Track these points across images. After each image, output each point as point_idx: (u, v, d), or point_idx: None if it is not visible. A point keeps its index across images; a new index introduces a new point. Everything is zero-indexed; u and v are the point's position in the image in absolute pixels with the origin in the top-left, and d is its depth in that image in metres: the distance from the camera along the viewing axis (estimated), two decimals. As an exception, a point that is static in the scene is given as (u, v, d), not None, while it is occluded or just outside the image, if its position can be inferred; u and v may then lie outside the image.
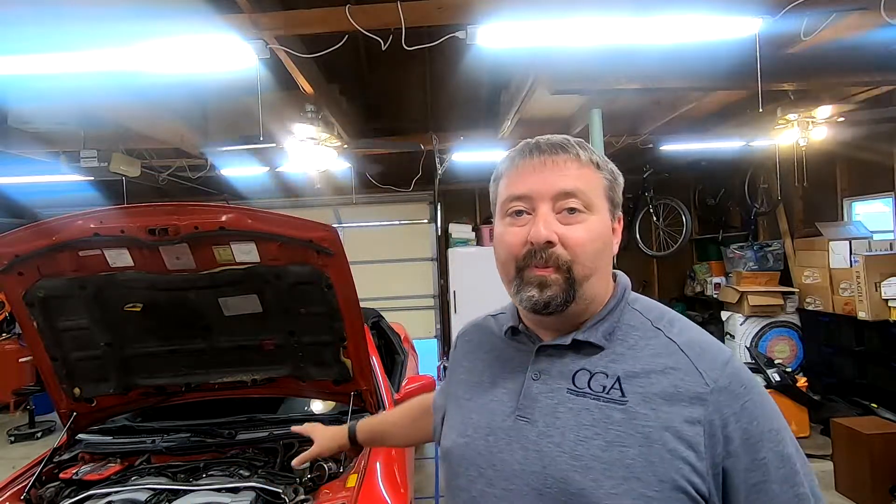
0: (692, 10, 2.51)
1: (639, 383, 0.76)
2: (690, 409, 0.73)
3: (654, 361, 0.78)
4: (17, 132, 4.22)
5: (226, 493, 1.93)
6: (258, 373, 2.38)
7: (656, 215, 6.62)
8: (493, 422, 0.84)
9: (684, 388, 0.74)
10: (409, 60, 3.46)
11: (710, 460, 0.71)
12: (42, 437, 5.44)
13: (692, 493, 0.71)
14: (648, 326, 0.82)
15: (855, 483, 3.53)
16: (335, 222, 7.42)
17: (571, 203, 0.80)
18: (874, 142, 4.97)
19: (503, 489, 0.79)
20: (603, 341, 0.81)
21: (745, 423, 0.73)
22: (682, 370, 0.76)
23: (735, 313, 5.87)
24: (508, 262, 0.83)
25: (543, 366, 0.84)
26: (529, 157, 0.83)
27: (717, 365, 0.76)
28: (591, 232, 0.80)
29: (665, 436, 0.72)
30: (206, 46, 2.55)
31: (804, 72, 3.45)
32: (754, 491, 0.72)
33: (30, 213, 7.01)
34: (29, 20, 2.46)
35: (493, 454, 0.82)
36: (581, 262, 0.80)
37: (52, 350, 2.16)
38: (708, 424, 0.72)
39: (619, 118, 4.61)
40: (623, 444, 0.73)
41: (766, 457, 0.72)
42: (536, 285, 0.79)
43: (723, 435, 0.72)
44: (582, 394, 0.78)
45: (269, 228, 1.95)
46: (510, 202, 0.83)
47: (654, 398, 0.74)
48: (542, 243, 0.79)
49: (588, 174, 0.83)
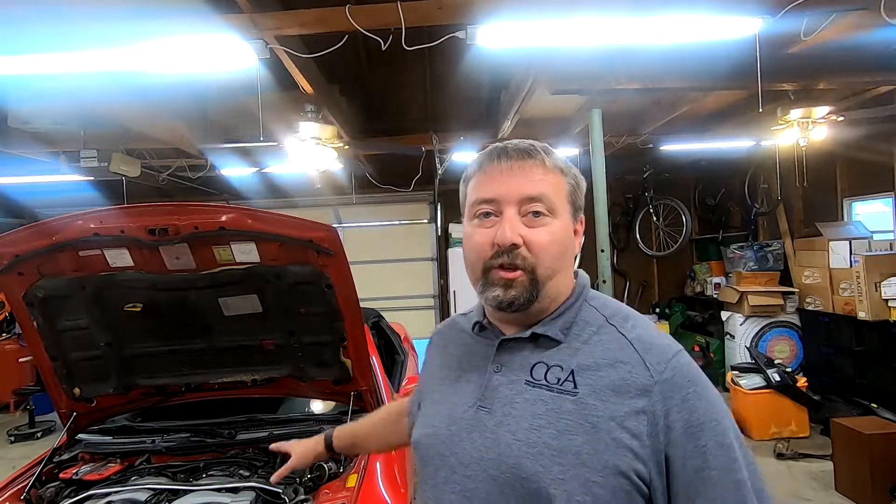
0: (692, 10, 2.51)
1: (590, 376, 0.81)
2: (636, 400, 0.77)
3: (606, 356, 0.82)
4: (17, 132, 4.23)
5: (226, 493, 1.93)
6: (258, 373, 2.38)
7: (656, 215, 6.62)
8: (455, 412, 0.89)
9: (632, 381, 0.79)
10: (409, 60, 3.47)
11: (653, 448, 0.75)
12: (42, 437, 5.44)
13: (633, 479, 0.75)
14: (603, 322, 0.87)
15: (855, 483, 3.53)
16: (335, 222, 7.42)
17: (536, 207, 0.85)
18: (874, 142, 4.97)
19: (463, 475, 0.84)
20: (560, 335, 0.86)
21: (686, 414, 0.76)
22: (630, 364, 0.80)
23: (735, 313, 5.87)
24: (476, 262, 0.87)
25: (505, 358, 0.89)
26: (497, 161, 0.87)
27: (663, 359, 0.80)
28: (553, 235, 0.85)
29: (611, 425, 0.76)
30: (206, 46, 2.55)
31: (804, 72, 3.46)
32: (694, 476, 0.75)
33: (30, 213, 7.01)
34: (29, 20, 2.46)
35: (454, 443, 0.86)
36: (543, 264, 0.84)
37: (52, 350, 2.16)
38: (651, 414, 0.76)
39: (619, 118, 4.61)
40: (572, 433, 0.77)
41: (706, 444, 0.76)
42: (501, 286, 0.84)
43: (665, 424, 0.76)
44: (538, 385, 0.83)
45: (269, 228, 1.95)
46: (478, 204, 0.88)
47: (603, 390, 0.79)
48: (507, 245, 0.83)
49: (552, 179, 0.87)
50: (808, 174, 4.98)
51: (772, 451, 4.34)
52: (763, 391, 4.68)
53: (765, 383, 4.68)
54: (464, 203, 0.93)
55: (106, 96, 3.50)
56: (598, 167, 3.71)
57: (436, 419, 0.92)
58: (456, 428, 0.87)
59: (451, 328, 1.06)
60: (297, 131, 3.77)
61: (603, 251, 3.72)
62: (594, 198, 3.71)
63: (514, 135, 4.68)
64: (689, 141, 5.25)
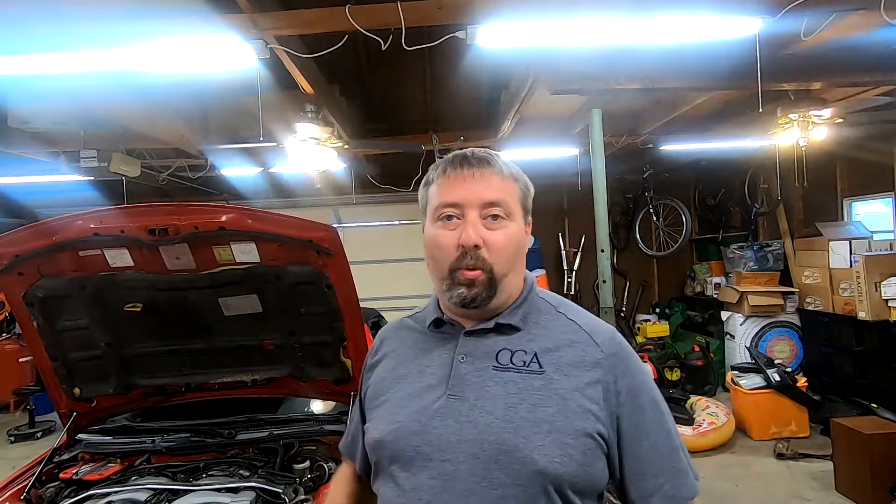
0: (692, 10, 2.51)
1: (552, 356, 0.94)
2: (592, 372, 0.92)
3: (562, 338, 0.96)
4: (17, 132, 4.22)
5: (226, 493, 1.93)
6: (258, 373, 2.37)
7: (656, 215, 6.62)
8: (424, 404, 0.94)
9: (586, 357, 0.93)
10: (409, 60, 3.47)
11: (608, 410, 0.91)
12: (42, 437, 5.44)
13: (596, 437, 0.89)
14: (553, 311, 1.01)
15: (855, 483, 3.53)
16: (335, 222, 7.42)
17: (495, 211, 0.95)
18: (874, 142, 4.97)
19: (440, 461, 0.89)
20: (520, 323, 0.97)
21: (628, 379, 0.93)
22: (583, 343, 0.95)
23: (735, 313, 5.87)
24: (443, 262, 0.95)
25: (469, 348, 0.97)
26: (460, 168, 0.96)
27: (608, 338, 0.96)
28: (509, 237, 0.96)
29: (575, 395, 0.90)
30: (206, 46, 2.55)
31: (804, 72, 3.46)
32: (636, 428, 0.92)
33: (30, 213, 7.01)
34: (29, 20, 2.46)
35: (427, 432, 0.91)
36: (500, 263, 0.94)
37: (52, 350, 2.16)
38: (605, 383, 0.92)
39: (619, 118, 4.61)
40: (545, 405, 0.89)
41: (643, 403, 0.94)
42: (465, 285, 0.93)
43: (615, 389, 0.92)
44: (506, 369, 0.93)
45: (269, 228, 1.95)
46: (443, 208, 0.95)
47: (565, 366, 0.92)
48: (471, 246, 0.92)
49: (508, 186, 0.97)
50: (808, 174, 4.98)
51: (772, 451, 4.34)
52: (763, 391, 4.68)
53: (765, 383, 4.68)
54: (424, 206, 1.01)
55: (106, 96, 3.49)
56: (598, 167, 3.71)
57: (400, 415, 0.95)
58: (426, 418, 0.92)
59: (400, 330, 1.10)
60: (297, 131, 3.77)
61: (603, 251, 3.72)
62: (594, 198, 3.72)
63: (514, 135, 4.69)
64: (689, 141, 5.25)
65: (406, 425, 0.93)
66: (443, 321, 1.01)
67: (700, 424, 4.53)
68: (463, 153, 0.99)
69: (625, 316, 7.39)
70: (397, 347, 1.07)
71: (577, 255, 7.35)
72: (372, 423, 1.01)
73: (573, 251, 7.38)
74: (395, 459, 0.93)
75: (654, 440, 0.93)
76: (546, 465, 0.85)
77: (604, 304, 3.69)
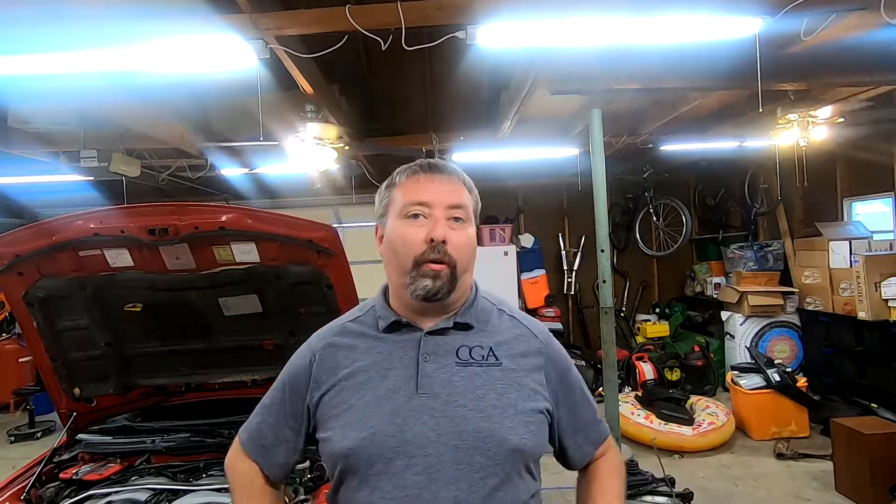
0: (692, 10, 2.51)
1: (505, 349, 1.06)
2: (536, 359, 1.08)
3: (509, 332, 1.09)
4: (17, 132, 4.22)
5: (226, 493, 1.93)
6: (258, 373, 2.38)
7: (656, 215, 6.62)
8: (395, 406, 0.99)
9: (531, 347, 1.09)
10: (409, 60, 3.46)
11: (550, 389, 1.08)
12: (42, 437, 5.44)
13: (545, 413, 1.06)
14: (495, 310, 1.13)
15: (855, 483, 3.53)
16: (335, 222, 7.42)
17: (458, 213, 1.04)
18: (874, 142, 4.97)
19: (422, 456, 0.96)
20: (474, 322, 1.07)
21: (560, 363, 1.12)
22: (526, 336, 1.10)
23: (735, 313, 5.87)
24: (408, 256, 1.01)
25: (431, 348, 1.04)
26: (429, 172, 1.06)
27: (542, 330, 1.14)
28: (468, 238, 1.05)
29: (528, 380, 1.05)
30: (206, 46, 2.55)
31: (804, 72, 3.45)
32: (567, 399, 1.11)
33: (30, 213, 7.01)
34: (29, 20, 2.46)
35: (404, 432, 0.97)
36: (462, 260, 1.03)
37: (52, 350, 2.16)
38: (545, 367, 1.08)
39: (619, 118, 4.61)
40: (507, 392, 1.02)
41: (570, 377, 1.13)
42: (431, 276, 1.00)
43: (553, 371, 1.09)
44: (467, 364, 1.03)
45: (268, 228, 1.95)
46: (412, 206, 1.03)
47: (516, 357, 1.06)
48: (440, 240, 1.00)
49: (467, 195, 1.08)
50: (808, 174, 4.98)
51: (772, 451, 4.35)
52: (763, 391, 4.68)
53: (765, 383, 4.68)
54: (386, 205, 1.09)
55: (106, 96, 3.49)
56: (598, 167, 3.71)
57: (372, 419, 0.98)
58: (401, 419, 0.98)
59: (344, 336, 1.09)
60: (297, 131, 3.77)
61: (603, 251, 3.72)
62: (594, 198, 3.71)
63: (514, 135, 4.68)
64: (689, 141, 5.25)
65: (381, 428, 0.97)
66: (401, 324, 1.06)
67: (700, 424, 4.53)
68: (429, 160, 1.10)
69: (625, 316, 7.39)
70: (349, 354, 1.06)
71: (577, 255, 7.34)
72: (334, 432, 1.00)
73: (573, 251, 7.38)
74: (373, 464, 0.96)
75: (582, 408, 1.14)
76: (518, 442, 0.98)
77: (604, 304, 3.69)
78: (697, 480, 3.93)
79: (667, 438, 4.44)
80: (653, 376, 5.50)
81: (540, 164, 5.92)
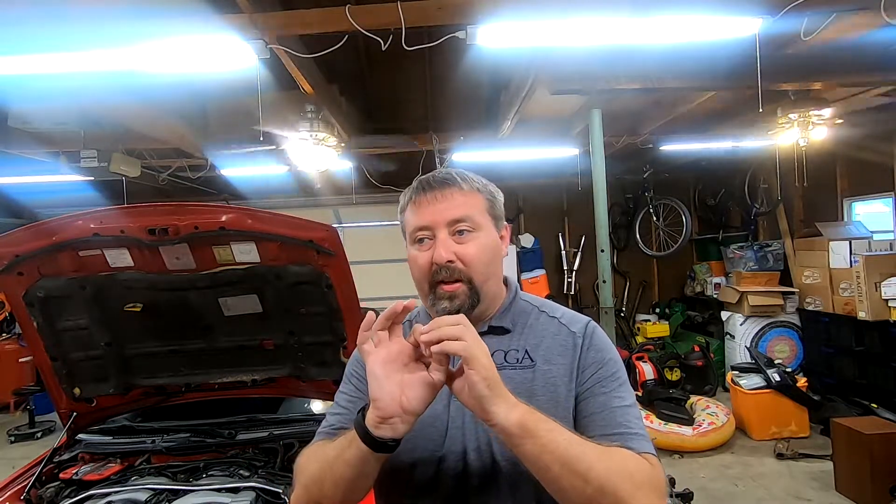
0: (692, 10, 2.51)
1: (540, 350, 1.05)
2: (570, 354, 1.04)
3: (545, 332, 1.07)
4: (17, 132, 4.22)
5: (226, 493, 1.93)
6: (258, 373, 2.38)
7: (656, 215, 6.62)
8: (434, 411, 0.97)
9: (566, 344, 1.05)
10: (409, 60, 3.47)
11: (577, 382, 1.02)
12: (42, 437, 5.44)
13: (573, 412, 1.01)
14: (536, 311, 1.11)
15: (855, 483, 3.53)
16: (335, 222, 7.41)
17: (461, 226, 1.02)
18: (874, 142, 4.97)
19: (455, 461, 0.98)
20: (510, 325, 1.08)
21: (594, 354, 1.04)
22: (562, 334, 1.07)
23: (735, 313, 5.87)
24: (423, 280, 1.04)
25: None
26: (423, 192, 1.04)
27: (581, 325, 1.08)
28: (480, 247, 1.03)
29: (562, 380, 1.02)
30: (206, 46, 2.55)
31: (804, 72, 3.45)
32: (596, 391, 1.01)
33: (30, 213, 7.00)
34: (29, 20, 2.46)
35: (441, 436, 1.00)
36: (477, 272, 1.02)
37: (52, 350, 2.16)
38: (578, 362, 1.03)
39: (619, 118, 4.60)
40: (539, 394, 1.00)
41: (603, 372, 1.02)
42: (447, 298, 1.01)
43: (584, 362, 1.03)
44: (502, 367, 0.99)
45: (269, 228, 1.95)
46: (416, 231, 1.04)
47: (553, 357, 1.04)
48: (443, 262, 1.00)
49: (471, 200, 1.05)
50: (808, 174, 4.98)
51: (772, 451, 4.35)
52: (763, 391, 4.68)
53: (765, 383, 4.68)
54: (403, 230, 1.10)
55: (106, 96, 3.49)
56: (598, 167, 3.71)
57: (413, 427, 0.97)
58: (440, 423, 1.00)
59: None
60: (297, 131, 3.77)
61: (603, 251, 3.72)
62: (594, 198, 3.71)
63: (514, 135, 4.68)
64: (689, 141, 5.25)
65: (422, 431, 0.98)
66: None
67: (700, 424, 4.53)
68: (426, 178, 1.07)
69: (625, 316, 7.39)
70: None
71: (577, 255, 7.35)
72: None
73: (573, 251, 7.38)
74: (417, 466, 0.99)
75: (613, 410, 1.00)
76: None
77: (604, 304, 3.69)
78: (697, 480, 3.93)
79: (667, 438, 4.44)
80: (653, 376, 5.50)
81: (540, 164, 5.92)
